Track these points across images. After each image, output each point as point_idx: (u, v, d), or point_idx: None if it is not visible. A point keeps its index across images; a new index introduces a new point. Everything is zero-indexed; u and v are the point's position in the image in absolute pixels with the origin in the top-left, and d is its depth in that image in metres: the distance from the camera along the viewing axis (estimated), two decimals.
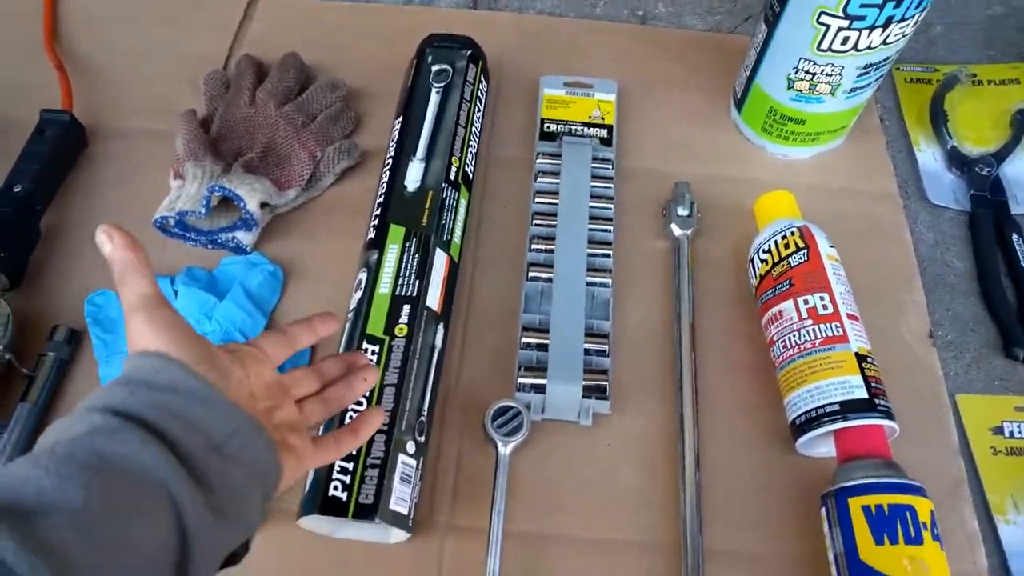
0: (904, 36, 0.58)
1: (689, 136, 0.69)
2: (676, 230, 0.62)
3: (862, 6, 0.54)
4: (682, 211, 0.62)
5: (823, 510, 0.47)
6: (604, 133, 0.67)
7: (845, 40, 0.57)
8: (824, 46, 0.58)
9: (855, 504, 0.45)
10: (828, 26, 0.56)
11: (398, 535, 0.46)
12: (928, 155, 0.70)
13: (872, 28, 0.56)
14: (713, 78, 0.72)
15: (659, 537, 0.49)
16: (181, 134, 0.61)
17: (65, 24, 0.74)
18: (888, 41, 0.57)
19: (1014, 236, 0.64)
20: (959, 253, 0.65)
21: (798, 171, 0.67)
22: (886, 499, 0.44)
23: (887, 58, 0.59)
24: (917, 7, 0.55)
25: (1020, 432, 0.55)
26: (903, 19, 0.55)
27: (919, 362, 0.57)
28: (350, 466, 0.45)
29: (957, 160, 0.68)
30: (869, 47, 0.57)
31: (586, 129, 0.67)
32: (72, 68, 0.69)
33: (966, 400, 0.57)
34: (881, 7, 0.54)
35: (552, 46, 0.75)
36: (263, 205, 0.59)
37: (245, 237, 0.59)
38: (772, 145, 0.67)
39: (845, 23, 0.56)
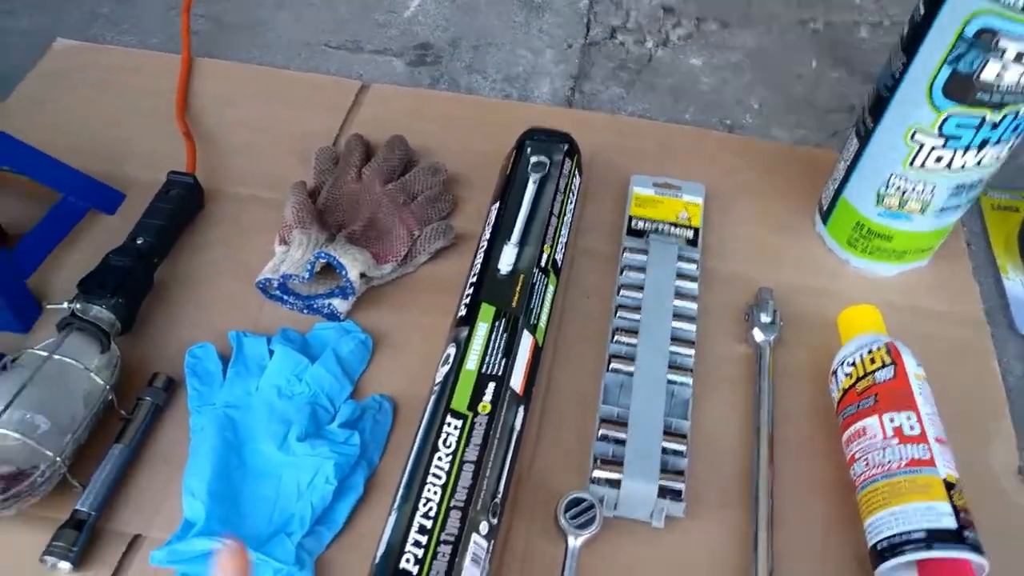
0: (999, 159, 0.58)
1: (774, 244, 0.70)
2: (759, 335, 0.62)
3: (958, 126, 0.55)
4: (765, 317, 0.63)
5: None
6: (690, 234, 0.68)
7: (939, 159, 0.58)
8: (917, 163, 0.59)
9: None
10: (922, 144, 0.57)
11: None
12: (1016, 283, 0.69)
13: (967, 149, 0.57)
14: (799, 189, 0.74)
15: None
16: (290, 203, 0.65)
17: (196, 98, 0.80)
18: (982, 163, 0.58)
19: None
20: None
21: (882, 288, 0.67)
22: None
23: (980, 180, 0.60)
24: (1014, 132, 0.56)
25: None
26: (999, 141, 0.56)
27: (1007, 497, 0.55)
28: (424, 539, 0.45)
29: None
30: (963, 167, 0.58)
31: (673, 228, 0.68)
32: (199, 137, 0.75)
33: None
34: (977, 129, 0.55)
35: (642, 147, 0.78)
36: (361, 276, 0.62)
37: (341, 305, 0.62)
38: (856, 259, 0.68)
39: (940, 142, 0.57)
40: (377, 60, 0.90)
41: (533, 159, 0.68)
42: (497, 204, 0.65)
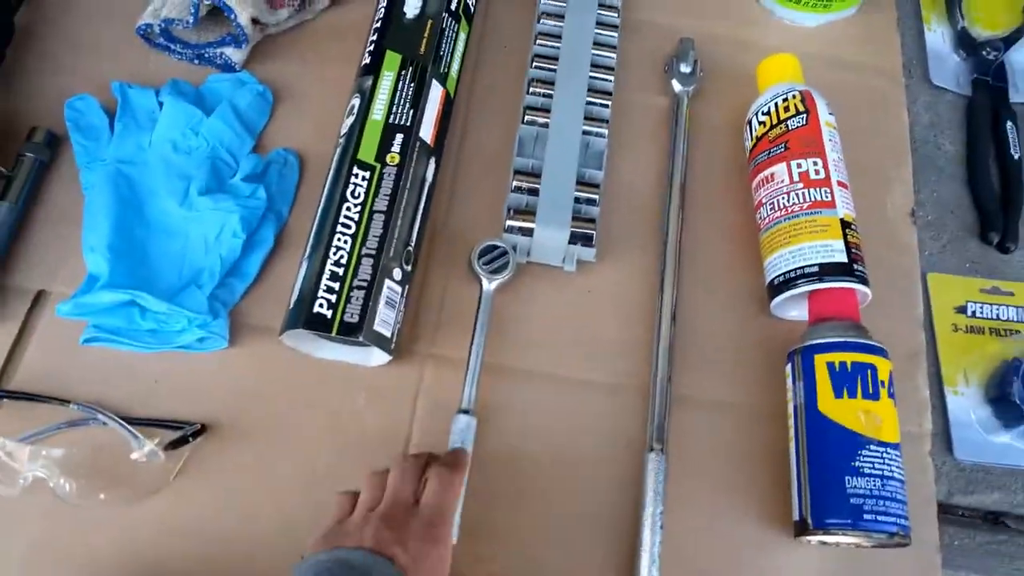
0: None
1: None
2: (677, 86, 0.61)
3: None
4: (685, 68, 0.61)
5: (788, 366, 0.50)
6: None
7: None
8: None
9: (820, 360, 0.47)
10: None
11: (379, 357, 0.48)
12: (937, 35, 0.69)
13: None
14: None
15: (631, 380, 0.51)
16: None
17: None
18: None
19: (1008, 124, 0.64)
20: (952, 137, 0.65)
21: (804, 38, 0.66)
22: (850, 357, 0.46)
23: None
24: None
25: (981, 312, 0.57)
26: None
27: (897, 238, 0.58)
28: (336, 285, 0.45)
29: (965, 42, 0.67)
30: None
31: None
32: None
33: (936, 279, 0.58)
34: None
35: None
36: (255, 22, 0.57)
37: (235, 54, 0.57)
38: (781, 8, 0.65)
39: None
40: None
41: None
42: None
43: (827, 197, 0.51)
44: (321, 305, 0.45)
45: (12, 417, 0.46)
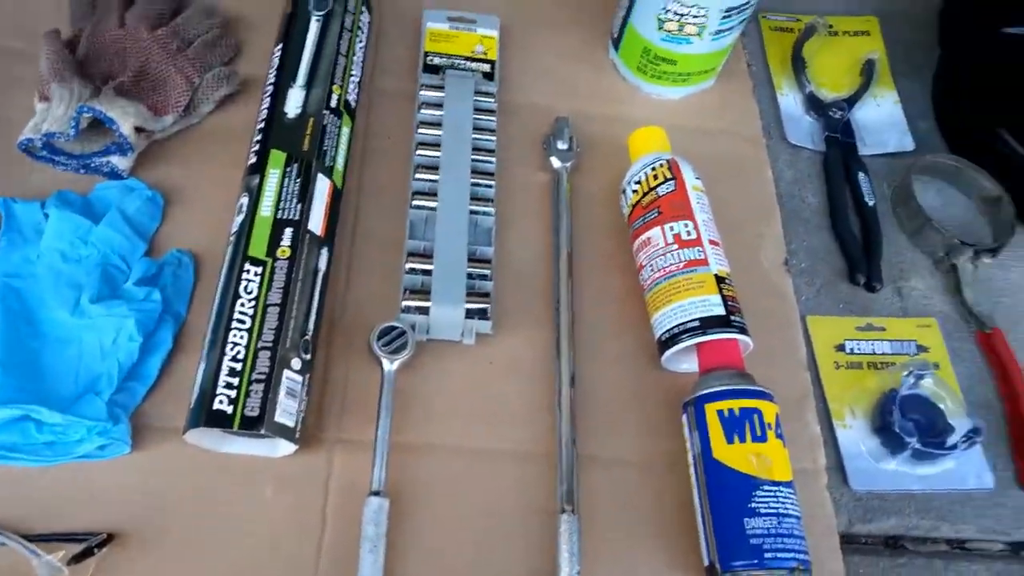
0: None
1: (570, 74, 0.72)
2: (556, 163, 0.64)
3: None
4: (561, 145, 0.65)
5: (684, 416, 0.52)
6: (487, 68, 0.68)
7: None
8: None
9: (711, 409, 0.50)
10: None
11: (285, 447, 0.47)
12: (789, 99, 0.75)
13: None
14: (594, 19, 0.74)
15: (537, 447, 0.52)
16: (44, 54, 0.59)
17: None
18: None
19: (860, 175, 0.70)
20: (814, 190, 0.70)
21: (671, 110, 0.71)
22: (737, 403, 0.49)
23: (748, 3, 0.63)
24: None
25: (859, 349, 0.61)
26: None
27: (775, 287, 0.62)
28: (235, 381, 0.45)
29: (814, 104, 0.74)
30: None
31: (469, 63, 0.68)
32: None
33: (815, 321, 0.62)
34: None
35: None
36: (139, 130, 0.57)
37: (121, 161, 0.57)
38: (646, 84, 0.71)
39: None
40: None
41: None
42: (280, 46, 0.62)
43: (700, 255, 0.55)
44: (221, 401, 0.45)
45: None
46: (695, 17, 0.63)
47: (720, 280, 0.54)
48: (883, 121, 0.75)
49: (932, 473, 0.56)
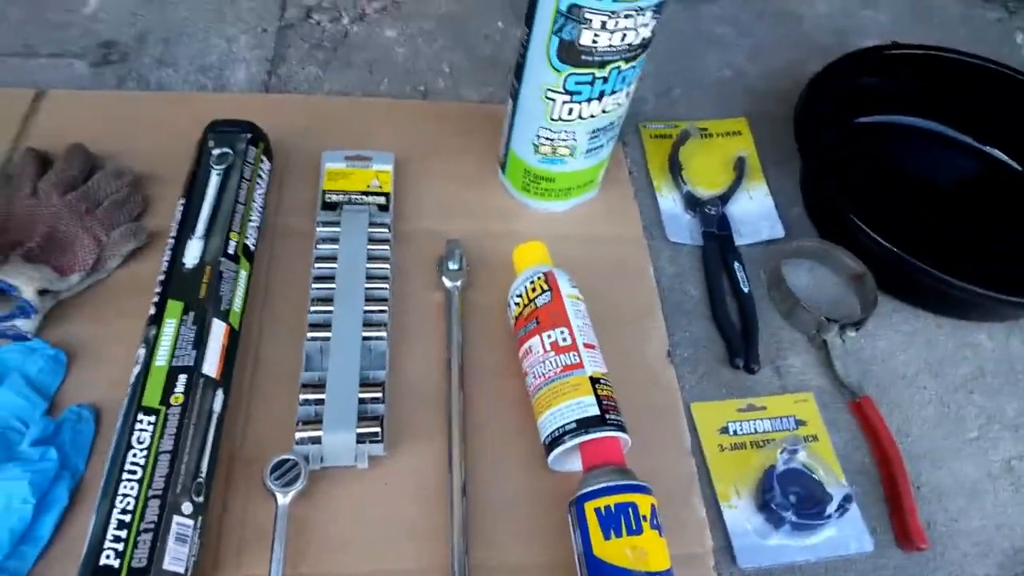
0: (620, 105, 0.68)
1: (463, 198, 0.77)
2: (448, 282, 0.69)
3: (577, 83, 0.64)
4: (453, 265, 0.69)
5: (569, 517, 0.54)
6: (382, 200, 0.73)
7: (571, 111, 0.66)
8: (556, 116, 0.67)
9: (590, 507, 0.52)
10: (554, 100, 0.66)
11: None
12: (669, 200, 0.81)
13: (590, 100, 0.65)
14: (485, 145, 0.80)
15: (435, 560, 0.54)
16: None
17: None
18: (607, 110, 0.67)
19: (736, 264, 0.75)
20: (695, 282, 0.75)
21: (558, 222, 0.76)
22: (613, 499, 0.52)
23: (612, 122, 0.69)
24: (623, 82, 0.65)
25: (741, 429, 0.65)
26: (614, 92, 0.66)
27: (658, 379, 0.66)
28: (123, 533, 0.48)
29: (691, 202, 0.80)
30: (592, 116, 0.67)
31: (365, 197, 0.73)
32: None
33: (699, 407, 0.66)
34: (591, 83, 0.64)
35: (337, 124, 0.81)
36: (43, 292, 0.61)
37: (25, 324, 0.61)
38: (532, 201, 0.76)
39: (567, 97, 0.65)
40: (56, 64, 0.86)
41: (216, 151, 0.69)
42: (183, 200, 0.67)
43: (575, 360, 0.59)
44: (108, 556, 0.47)
45: None
46: (564, 140, 0.69)
47: (595, 381, 0.58)
48: (756, 212, 0.81)
49: (816, 542, 0.59)
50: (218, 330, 0.59)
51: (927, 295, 0.75)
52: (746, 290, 0.73)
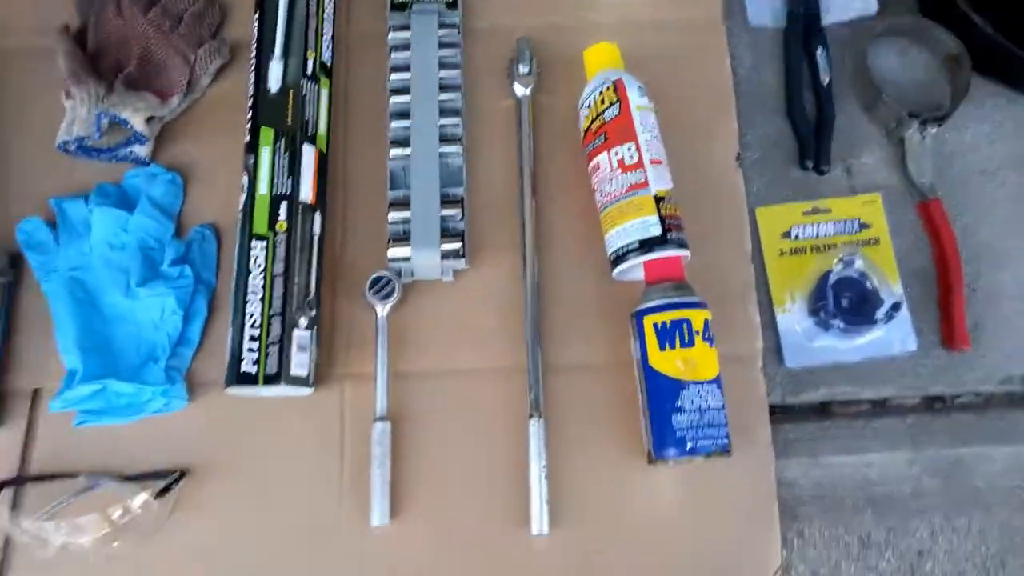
0: None
1: None
2: (519, 88, 0.69)
3: None
4: (523, 68, 0.69)
5: (630, 326, 0.61)
6: None
7: None
8: None
9: (648, 321, 0.58)
10: None
11: (304, 390, 0.60)
12: None
13: None
14: None
15: (510, 361, 0.63)
16: (60, 54, 0.67)
17: None
18: None
19: (819, 50, 0.71)
20: (774, 70, 0.73)
21: (631, 7, 0.73)
22: (669, 316, 0.58)
23: None
24: None
25: (803, 234, 0.67)
26: None
27: (725, 184, 0.68)
28: (255, 345, 0.58)
29: None
30: None
31: None
32: None
33: (763, 212, 0.68)
34: None
35: None
36: (150, 119, 0.66)
37: (141, 150, 0.67)
38: None
39: None
40: None
41: None
42: (256, 15, 0.68)
43: (641, 179, 0.61)
44: (246, 364, 0.57)
45: (36, 495, 0.60)
46: None
47: (659, 200, 0.61)
48: None
49: (862, 343, 0.64)
50: (308, 156, 0.64)
51: None
52: (826, 82, 0.70)
